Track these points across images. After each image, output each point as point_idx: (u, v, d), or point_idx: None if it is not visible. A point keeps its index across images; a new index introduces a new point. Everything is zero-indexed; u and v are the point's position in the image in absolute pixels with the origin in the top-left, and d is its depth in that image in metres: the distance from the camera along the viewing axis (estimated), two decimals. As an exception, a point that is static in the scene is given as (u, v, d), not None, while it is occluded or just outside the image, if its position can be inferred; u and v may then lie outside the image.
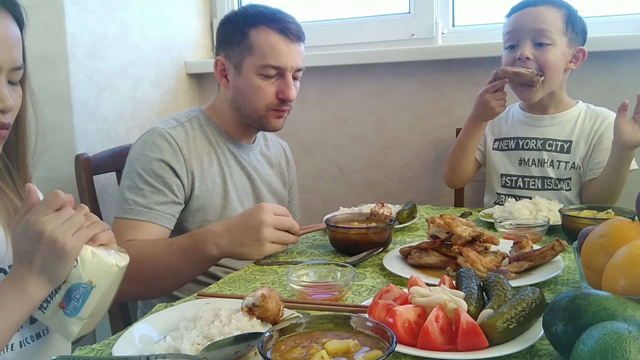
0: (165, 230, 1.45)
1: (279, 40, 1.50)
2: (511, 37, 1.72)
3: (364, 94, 2.36)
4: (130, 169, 1.47)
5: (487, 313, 0.80)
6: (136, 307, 1.79)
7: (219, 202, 1.55)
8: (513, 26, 1.71)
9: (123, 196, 1.44)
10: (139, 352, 0.81)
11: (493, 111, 1.70)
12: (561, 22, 1.66)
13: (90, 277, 0.88)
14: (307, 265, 1.10)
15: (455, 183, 1.91)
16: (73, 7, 1.90)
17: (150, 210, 1.42)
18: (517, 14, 1.71)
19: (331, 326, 0.76)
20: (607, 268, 0.83)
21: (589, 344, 0.61)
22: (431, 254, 1.17)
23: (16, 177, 1.07)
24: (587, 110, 1.77)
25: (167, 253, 1.31)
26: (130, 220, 1.40)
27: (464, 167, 1.85)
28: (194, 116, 1.59)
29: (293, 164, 1.87)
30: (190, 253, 1.28)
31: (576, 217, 1.34)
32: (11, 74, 0.97)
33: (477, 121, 1.76)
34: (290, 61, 1.51)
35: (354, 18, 2.43)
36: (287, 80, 1.52)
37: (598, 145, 1.71)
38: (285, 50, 1.50)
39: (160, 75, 2.34)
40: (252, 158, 1.66)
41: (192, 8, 2.53)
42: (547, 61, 1.65)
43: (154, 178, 1.44)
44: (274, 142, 1.80)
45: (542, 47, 1.65)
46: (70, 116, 1.91)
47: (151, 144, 1.47)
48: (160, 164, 1.45)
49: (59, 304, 0.89)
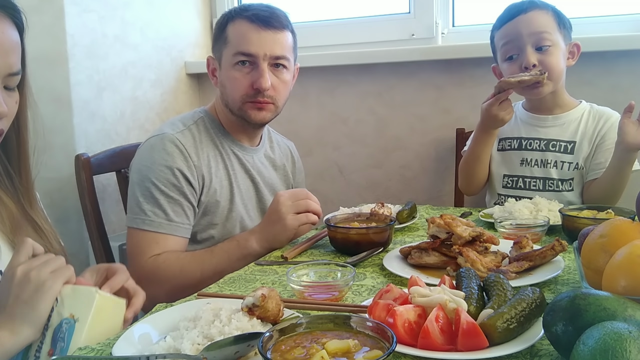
0: (186, 240, 1.48)
1: (248, 28, 1.49)
2: (510, 48, 1.70)
3: (364, 94, 2.36)
4: (143, 177, 1.46)
5: (487, 313, 0.80)
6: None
7: (225, 205, 1.55)
8: (510, 36, 1.69)
9: (139, 206, 1.43)
10: (139, 352, 0.81)
11: (502, 121, 1.68)
12: (553, 22, 1.67)
13: (72, 310, 0.84)
14: (307, 265, 1.10)
15: (472, 191, 1.89)
16: (73, 7, 1.90)
17: (171, 222, 1.43)
18: (509, 24, 1.69)
19: (331, 326, 0.76)
20: (607, 268, 0.83)
21: (589, 344, 0.61)
22: (431, 254, 1.17)
23: (17, 182, 1.07)
24: (590, 110, 1.77)
25: (210, 258, 1.41)
26: (151, 233, 1.42)
27: (480, 175, 1.83)
28: (200, 118, 1.59)
29: (300, 164, 1.86)
30: (234, 253, 1.40)
31: (576, 217, 1.34)
32: (7, 79, 0.95)
33: (487, 130, 1.74)
34: (262, 48, 1.48)
35: (354, 18, 2.43)
36: (260, 69, 1.49)
37: (601, 145, 1.71)
38: (255, 37, 1.49)
39: (160, 75, 2.34)
40: (256, 161, 1.65)
41: (192, 8, 2.53)
42: (552, 63, 1.65)
43: (169, 188, 1.44)
44: (279, 144, 1.79)
45: (543, 50, 1.65)
46: (70, 116, 1.91)
47: (161, 151, 1.46)
48: (174, 172, 1.45)
49: (47, 353, 0.84)
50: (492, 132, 1.75)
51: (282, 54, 1.52)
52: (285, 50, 1.53)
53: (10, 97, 0.98)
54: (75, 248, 1.92)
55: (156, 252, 1.41)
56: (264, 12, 1.51)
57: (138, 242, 1.43)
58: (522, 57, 1.67)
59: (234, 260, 1.37)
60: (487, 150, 1.79)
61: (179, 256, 1.42)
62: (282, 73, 1.54)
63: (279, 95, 1.54)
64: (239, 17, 1.52)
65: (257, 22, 1.49)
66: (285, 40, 1.53)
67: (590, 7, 2.10)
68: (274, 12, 1.53)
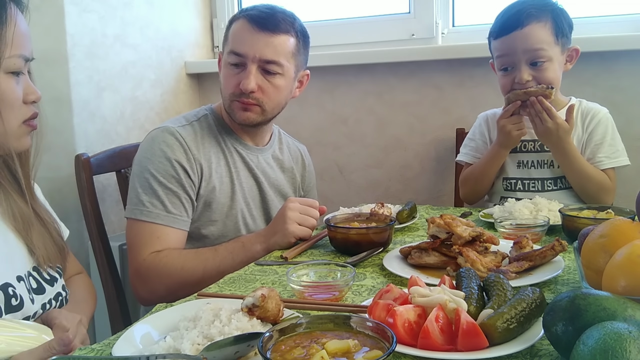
0: (185, 233, 1.47)
1: (244, 28, 1.49)
2: (505, 61, 1.70)
3: (364, 94, 2.36)
4: (142, 169, 1.46)
5: (487, 313, 0.80)
6: (136, 307, 1.79)
7: (225, 202, 1.54)
8: (505, 50, 1.69)
9: (138, 197, 1.43)
10: (139, 352, 0.81)
11: (510, 135, 1.69)
12: (551, 35, 1.65)
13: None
14: (307, 265, 1.10)
15: (474, 200, 1.90)
16: (73, 7, 1.90)
17: (169, 214, 1.43)
18: (505, 39, 1.68)
19: (331, 326, 0.76)
20: (607, 268, 0.82)
21: (589, 344, 0.61)
22: (431, 254, 1.17)
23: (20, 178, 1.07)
24: (579, 107, 1.78)
25: (213, 257, 1.41)
26: (149, 225, 1.42)
27: (485, 188, 1.84)
28: (204, 115, 1.59)
29: (312, 169, 1.85)
30: (238, 255, 1.40)
31: (576, 217, 1.34)
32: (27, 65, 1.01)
33: (498, 149, 1.76)
34: (252, 50, 1.47)
35: (354, 18, 2.43)
36: (247, 70, 1.48)
37: (589, 142, 1.74)
38: (248, 38, 1.48)
39: (160, 75, 2.34)
40: (261, 161, 1.64)
41: (192, 8, 2.53)
42: (546, 78, 1.65)
43: (167, 179, 1.44)
44: (290, 146, 1.78)
45: (538, 65, 1.65)
46: (70, 116, 1.91)
47: (161, 143, 1.47)
48: (172, 163, 1.45)
49: None
50: (501, 152, 1.76)
51: (272, 59, 1.48)
52: (278, 54, 1.48)
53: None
54: (75, 248, 1.92)
55: (157, 248, 1.41)
56: (263, 13, 1.49)
57: (137, 235, 1.43)
58: (516, 72, 1.67)
59: (238, 262, 1.37)
60: (495, 168, 1.80)
61: (181, 253, 1.42)
62: (275, 78, 1.50)
63: (268, 98, 1.51)
64: (242, 16, 1.52)
65: (253, 23, 1.48)
66: (281, 45, 1.49)
67: (590, 7, 2.10)
68: (274, 15, 1.49)
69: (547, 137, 1.66)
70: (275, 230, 1.42)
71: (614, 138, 1.73)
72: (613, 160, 1.71)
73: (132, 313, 1.79)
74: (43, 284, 1.07)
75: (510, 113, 1.68)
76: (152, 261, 1.39)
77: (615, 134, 1.74)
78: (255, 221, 1.61)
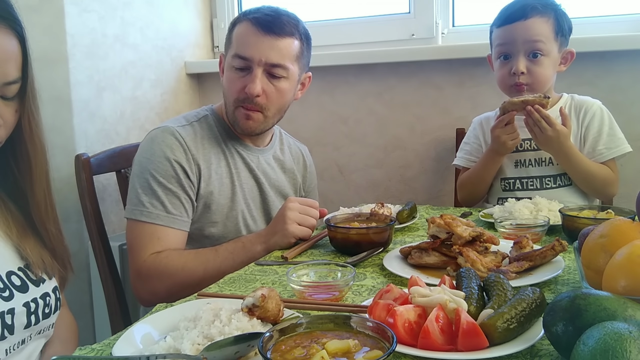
0: (185, 233, 1.47)
1: (249, 31, 1.48)
2: (504, 49, 1.74)
3: (364, 94, 2.36)
4: (142, 169, 1.46)
5: (487, 313, 0.80)
6: (136, 307, 1.79)
7: (225, 203, 1.54)
8: (505, 39, 1.72)
9: (138, 198, 1.43)
10: (139, 352, 0.81)
11: (505, 145, 1.70)
12: (551, 31, 1.69)
13: None
14: (307, 265, 1.10)
15: (472, 203, 1.90)
16: (73, 7, 1.90)
17: (169, 215, 1.43)
18: (508, 27, 1.71)
19: (331, 326, 0.76)
20: (607, 268, 0.82)
21: (589, 344, 0.61)
22: (431, 254, 1.17)
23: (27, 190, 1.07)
24: (571, 102, 1.80)
25: (214, 257, 1.41)
26: (150, 225, 1.41)
27: (482, 191, 1.86)
28: (204, 116, 1.59)
29: (313, 170, 1.85)
30: (239, 255, 1.40)
31: (576, 217, 1.34)
32: (3, 88, 0.94)
33: (493, 156, 1.77)
34: (258, 53, 1.45)
35: (354, 18, 2.43)
36: (253, 74, 1.46)
37: (586, 135, 1.74)
38: (253, 41, 1.46)
39: (160, 75, 2.34)
40: (261, 161, 1.64)
41: (192, 8, 2.53)
42: (540, 73, 1.69)
43: (167, 180, 1.44)
44: (291, 147, 1.77)
45: (535, 58, 1.69)
46: (70, 116, 1.91)
47: (161, 143, 1.46)
48: (172, 164, 1.44)
49: None
50: (496, 158, 1.77)
51: (278, 62, 1.47)
52: (284, 58, 1.48)
53: (8, 106, 0.97)
54: (75, 248, 1.92)
55: (157, 249, 1.40)
56: (268, 16, 1.48)
57: (138, 236, 1.42)
58: (513, 62, 1.70)
59: (238, 262, 1.37)
60: (491, 173, 1.81)
61: (182, 253, 1.42)
62: (280, 82, 1.49)
63: (271, 103, 1.50)
64: (245, 19, 1.50)
65: (258, 26, 1.46)
66: (287, 48, 1.48)
67: (590, 7, 2.10)
68: (278, 18, 1.48)
69: (548, 146, 1.67)
70: (275, 230, 1.42)
71: (612, 127, 1.74)
72: (614, 150, 1.72)
73: (132, 313, 1.79)
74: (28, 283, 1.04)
75: (504, 123, 1.68)
76: (152, 262, 1.39)
77: (613, 123, 1.75)
78: (256, 222, 1.61)
